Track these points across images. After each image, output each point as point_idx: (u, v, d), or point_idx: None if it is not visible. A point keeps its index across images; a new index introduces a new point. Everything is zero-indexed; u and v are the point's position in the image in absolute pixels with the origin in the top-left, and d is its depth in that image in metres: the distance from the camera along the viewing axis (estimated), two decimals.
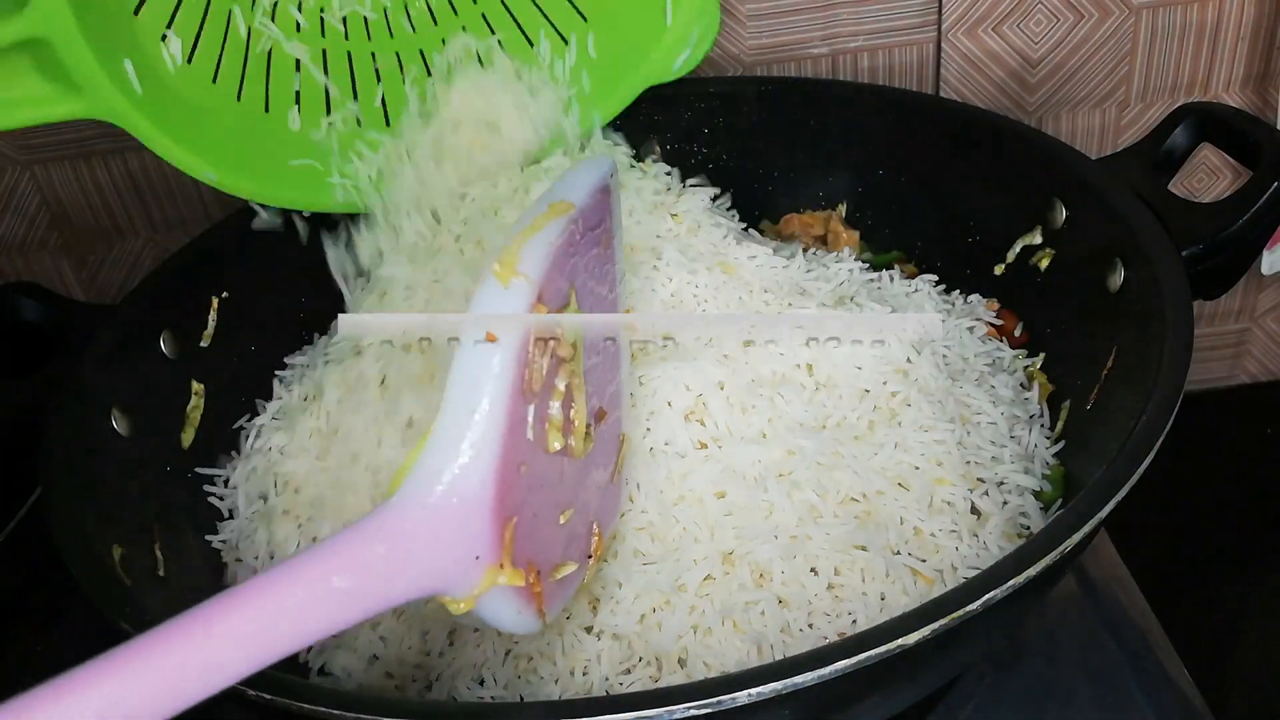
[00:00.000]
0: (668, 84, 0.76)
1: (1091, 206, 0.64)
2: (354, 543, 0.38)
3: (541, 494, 0.43)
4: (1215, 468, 0.89)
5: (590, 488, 0.48)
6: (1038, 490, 0.59)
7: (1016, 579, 0.43)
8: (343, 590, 0.37)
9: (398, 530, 0.38)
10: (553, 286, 0.42)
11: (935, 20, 0.86)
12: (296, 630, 0.36)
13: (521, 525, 0.41)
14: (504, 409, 0.39)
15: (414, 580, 0.39)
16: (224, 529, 0.63)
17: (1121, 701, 0.60)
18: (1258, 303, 0.97)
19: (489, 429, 0.39)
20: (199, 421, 0.67)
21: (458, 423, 0.39)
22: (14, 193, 0.89)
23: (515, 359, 0.40)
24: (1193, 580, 0.81)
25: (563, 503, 0.45)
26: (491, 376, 0.39)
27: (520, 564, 0.42)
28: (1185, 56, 0.87)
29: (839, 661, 0.40)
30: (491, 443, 0.39)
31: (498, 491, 0.39)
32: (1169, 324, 0.54)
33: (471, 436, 0.39)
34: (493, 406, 0.39)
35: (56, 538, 0.53)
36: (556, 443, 0.43)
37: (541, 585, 0.44)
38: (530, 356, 0.40)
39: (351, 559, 0.37)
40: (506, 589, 0.42)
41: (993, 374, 0.65)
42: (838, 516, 0.56)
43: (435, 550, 0.39)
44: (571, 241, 0.44)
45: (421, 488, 0.39)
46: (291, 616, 0.36)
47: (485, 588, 0.40)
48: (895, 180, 0.77)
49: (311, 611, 0.36)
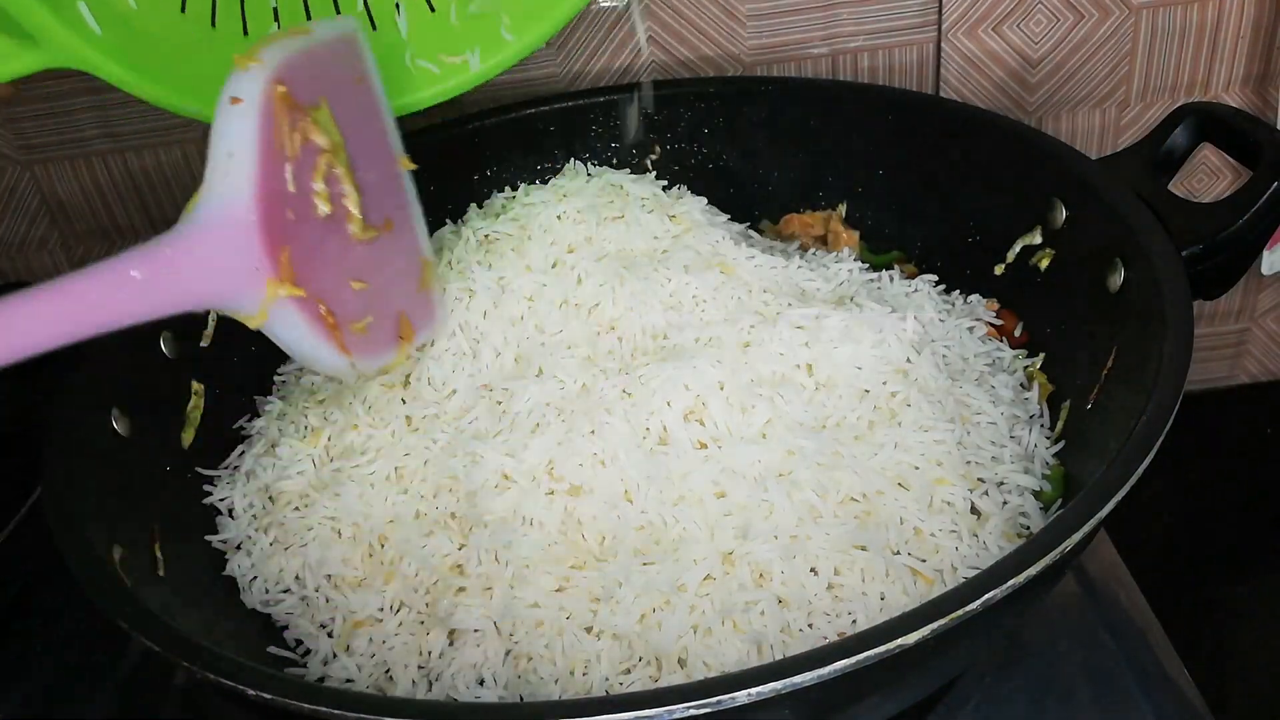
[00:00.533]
0: (668, 84, 0.76)
1: (1091, 206, 0.64)
2: (149, 248, 0.49)
3: (322, 251, 0.55)
4: (1215, 468, 0.89)
5: (390, 278, 0.60)
6: (1038, 490, 0.59)
7: (1016, 579, 0.43)
8: (139, 280, 0.48)
9: (183, 241, 0.50)
10: (296, 80, 0.53)
11: (935, 20, 0.86)
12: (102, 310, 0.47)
13: (299, 260, 0.52)
14: (253, 153, 0.51)
15: (202, 283, 0.50)
16: (224, 529, 0.63)
17: (1121, 701, 0.60)
18: (1258, 303, 0.97)
19: (243, 166, 0.51)
20: (199, 421, 0.67)
21: (218, 165, 0.51)
22: (14, 192, 0.89)
23: (259, 115, 0.51)
24: (1193, 580, 0.81)
25: (352, 272, 0.57)
26: (240, 128, 0.51)
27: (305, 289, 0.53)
28: (1185, 56, 0.87)
29: (839, 661, 0.40)
30: (247, 177, 0.51)
31: (262, 217, 0.51)
32: (1169, 324, 0.54)
33: (230, 173, 0.51)
34: (242, 149, 0.51)
35: (57, 538, 0.53)
36: (324, 208, 0.55)
37: (340, 328, 0.55)
38: (276, 121, 0.52)
39: (144, 257, 0.49)
40: (295, 312, 0.53)
41: (993, 374, 0.66)
42: (838, 517, 0.56)
43: (216, 259, 0.50)
44: (315, 59, 0.56)
45: (198, 213, 0.51)
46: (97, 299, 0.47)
47: (270, 299, 0.51)
48: (895, 180, 0.77)
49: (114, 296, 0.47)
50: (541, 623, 0.54)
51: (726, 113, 0.81)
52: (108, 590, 0.50)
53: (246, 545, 0.62)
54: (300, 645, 0.59)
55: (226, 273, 0.51)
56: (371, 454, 0.63)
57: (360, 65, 0.61)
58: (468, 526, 0.59)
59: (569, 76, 0.87)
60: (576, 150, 0.82)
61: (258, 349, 0.72)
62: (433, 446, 0.62)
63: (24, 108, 0.86)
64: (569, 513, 0.57)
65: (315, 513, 0.61)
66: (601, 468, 0.58)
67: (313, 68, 0.56)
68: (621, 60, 0.86)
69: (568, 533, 0.57)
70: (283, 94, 0.53)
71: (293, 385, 0.71)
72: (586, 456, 0.58)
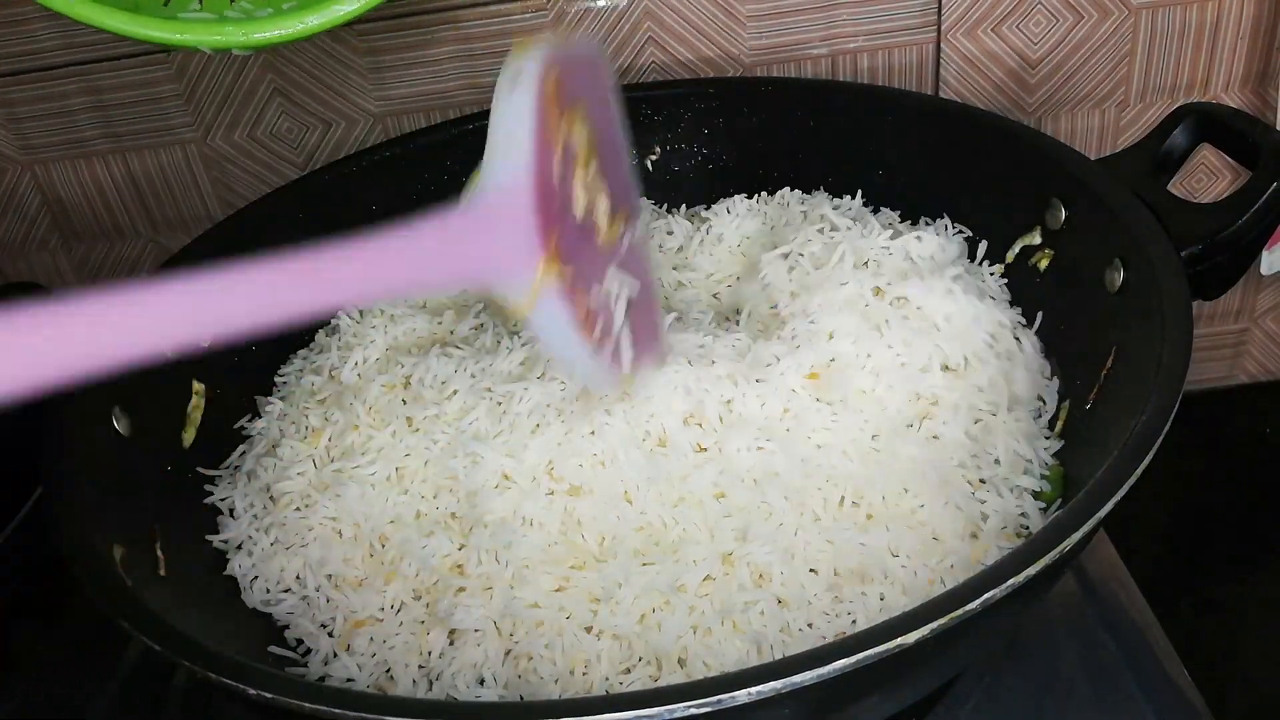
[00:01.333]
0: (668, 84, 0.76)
1: (1091, 207, 0.64)
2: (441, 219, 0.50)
3: (578, 253, 0.54)
4: (1215, 468, 0.89)
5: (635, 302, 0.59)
6: (1038, 490, 0.59)
7: (1016, 579, 0.43)
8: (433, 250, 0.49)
9: (470, 215, 0.51)
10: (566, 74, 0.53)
11: (935, 21, 0.86)
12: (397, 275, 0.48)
13: (563, 245, 0.52)
14: (531, 134, 0.51)
15: (485, 257, 0.50)
16: (225, 529, 0.63)
17: (1121, 701, 0.60)
18: (1257, 303, 0.97)
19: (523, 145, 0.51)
20: (199, 421, 0.67)
21: (498, 144, 0.51)
22: (15, 193, 0.89)
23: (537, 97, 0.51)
24: (1193, 580, 0.81)
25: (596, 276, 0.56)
26: (521, 106, 0.51)
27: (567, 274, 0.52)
28: (1185, 56, 0.87)
29: (839, 661, 0.40)
30: (526, 155, 0.51)
31: (537, 198, 0.51)
32: (1169, 324, 0.54)
33: (511, 151, 0.51)
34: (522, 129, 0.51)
35: (57, 538, 0.53)
36: (581, 205, 0.55)
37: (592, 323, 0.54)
38: (548, 109, 0.51)
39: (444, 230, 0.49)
40: (560, 304, 0.52)
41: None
42: (837, 520, 0.56)
43: (498, 233, 0.50)
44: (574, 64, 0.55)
45: (482, 190, 0.51)
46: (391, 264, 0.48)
47: (540, 280, 0.51)
48: (895, 180, 0.77)
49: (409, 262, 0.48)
50: (541, 623, 0.54)
51: (726, 113, 0.81)
52: (108, 590, 0.50)
53: (247, 545, 0.62)
54: (301, 645, 0.59)
55: (507, 247, 0.51)
56: (372, 454, 0.63)
57: (605, 87, 0.61)
58: (468, 527, 0.59)
59: None
60: None
61: (259, 349, 0.72)
62: (433, 447, 0.62)
63: (24, 108, 0.86)
64: (569, 513, 0.57)
65: (316, 513, 0.61)
66: (601, 469, 0.58)
67: (578, 71, 0.56)
68: (621, 61, 0.86)
69: (567, 533, 0.57)
70: (556, 82, 0.52)
71: (293, 385, 0.71)
72: (586, 457, 0.58)
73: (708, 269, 0.75)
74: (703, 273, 0.75)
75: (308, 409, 0.67)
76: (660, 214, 0.81)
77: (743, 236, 0.75)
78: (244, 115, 0.87)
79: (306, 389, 0.69)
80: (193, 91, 0.86)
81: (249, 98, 0.86)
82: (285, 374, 0.73)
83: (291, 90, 0.86)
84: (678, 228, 0.77)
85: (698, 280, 0.75)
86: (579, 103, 0.55)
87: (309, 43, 0.84)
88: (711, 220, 0.76)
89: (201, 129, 0.88)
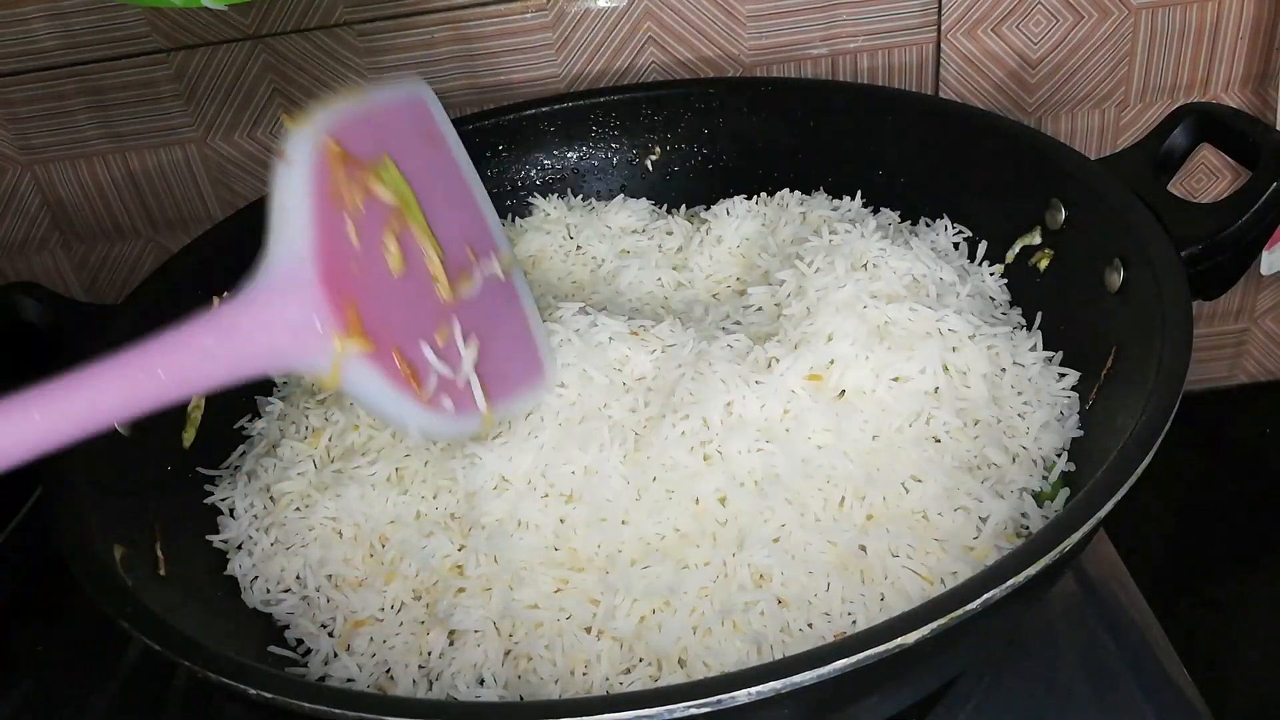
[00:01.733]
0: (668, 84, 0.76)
1: (1091, 207, 0.64)
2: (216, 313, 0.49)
3: (400, 309, 0.54)
4: (1215, 468, 0.89)
5: (488, 338, 0.58)
6: (1038, 490, 0.59)
7: (1016, 579, 0.43)
8: (211, 347, 0.48)
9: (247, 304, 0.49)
10: (351, 136, 0.53)
11: (935, 21, 0.86)
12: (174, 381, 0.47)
13: (372, 316, 0.51)
14: (307, 208, 0.50)
15: (272, 345, 0.49)
16: (225, 529, 0.63)
17: (1121, 701, 0.60)
18: (1257, 303, 0.97)
19: (298, 221, 0.50)
20: (199, 421, 0.67)
21: (274, 223, 0.50)
22: (15, 193, 0.89)
23: (311, 170, 0.51)
24: (1193, 580, 0.81)
25: (430, 328, 0.55)
26: (291, 183, 0.51)
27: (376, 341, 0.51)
28: (1185, 56, 0.87)
29: (839, 661, 0.40)
30: (303, 231, 0.50)
31: (321, 272, 0.50)
32: (1169, 324, 0.54)
33: (286, 228, 0.50)
34: (295, 204, 0.50)
35: (57, 538, 0.53)
36: (397, 265, 0.54)
37: (423, 384, 0.53)
38: (332, 174, 0.51)
39: (212, 323, 0.49)
40: (369, 368, 0.51)
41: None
42: (837, 520, 0.56)
43: (281, 317, 0.49)
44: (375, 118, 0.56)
45: (260, 276, 0.50)
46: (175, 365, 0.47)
47: (339, 354, 0.50)
48: (894, 180, 0.77)
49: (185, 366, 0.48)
50: (541, 623, 0.54)
51: (726, 113, 0.81)
52: (108, 590, 0.50)
53: (247, 545, 0.62)
54: (301, 645, 0.59)
55: (293, 331, 0.49)
56: (372, 455, 0.63)
57: (432, 127, 0.60)
58: (467, 527, 0.59)
59: (569, 77, 0.87)
60: (576, 150, 0.82)
61: None
62: (432, 448, 0.62)
63: (24, 108, 0.86)
64: (566, 516, 0.57)
65: (316, 513, 0.61)
66: (598, 473, 0.58)
67: (372, 126, 0.55)
68: (621, 61, 0.86)
69: (564, 536, 0.57)
70: (336, 148, 0.52)
71: (294, 386, 0.71)
72: (583, 462, 0.58)
73: (707, 269, 0.75)
74: (702, 273, 0.75)
75: (308, 409, 0.67)
76: (660, 214, 0.81)
77: (742, 237, 0.75)
78: (244, 115, 0.87)
79: (307, 390, 0.69)
80: (193, 91, 0.86)
81: (249, 98, 0.86)
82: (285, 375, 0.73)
83: (291, 90, 0.86)
84: (677, 228, 0.77)
85: (697, 281, 0.75)
86: (381, 157, 0.54)
87: (309, 42, 0.84)
88: (711, 221, 0.76)
89: (201, 129, 0.88)
